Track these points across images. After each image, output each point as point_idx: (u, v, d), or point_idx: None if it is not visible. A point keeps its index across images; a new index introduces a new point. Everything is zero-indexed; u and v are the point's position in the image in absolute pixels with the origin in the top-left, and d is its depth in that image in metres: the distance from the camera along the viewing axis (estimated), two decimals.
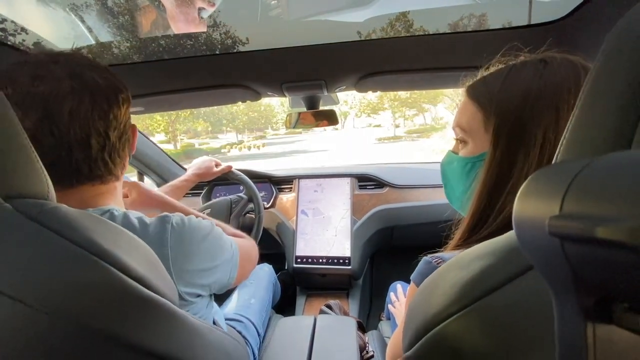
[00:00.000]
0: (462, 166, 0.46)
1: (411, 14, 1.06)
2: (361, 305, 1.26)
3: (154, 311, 0.36)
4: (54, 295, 0.30)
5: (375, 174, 1.38)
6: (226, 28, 1.14)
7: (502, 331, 0.22)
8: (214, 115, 30.96)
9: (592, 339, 0.13)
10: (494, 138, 0.42)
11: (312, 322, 0.75)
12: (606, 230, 0.11)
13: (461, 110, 0.47)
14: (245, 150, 20.68)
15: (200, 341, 0.45)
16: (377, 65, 0.81)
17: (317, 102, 1.00)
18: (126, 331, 0.33)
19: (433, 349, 0.25)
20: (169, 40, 1.11)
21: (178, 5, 0.82)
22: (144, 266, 0.36)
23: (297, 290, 1.34)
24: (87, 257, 0.31)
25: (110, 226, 0.37)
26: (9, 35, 0.79)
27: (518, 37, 0.68)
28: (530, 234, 0.16)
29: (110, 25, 1.03)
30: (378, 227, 1.28)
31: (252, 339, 0.78)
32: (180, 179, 0.95)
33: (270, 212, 1.38)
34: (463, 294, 0.24)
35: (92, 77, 0.44)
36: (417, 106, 27.01)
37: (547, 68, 0.40)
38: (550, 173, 0.17)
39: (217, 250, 0.53)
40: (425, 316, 0.26)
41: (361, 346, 0.77)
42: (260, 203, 1.08)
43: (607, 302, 0.13)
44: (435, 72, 0.81)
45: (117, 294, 0.33)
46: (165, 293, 0.39)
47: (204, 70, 0.82)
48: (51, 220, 0.31)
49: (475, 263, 0.24)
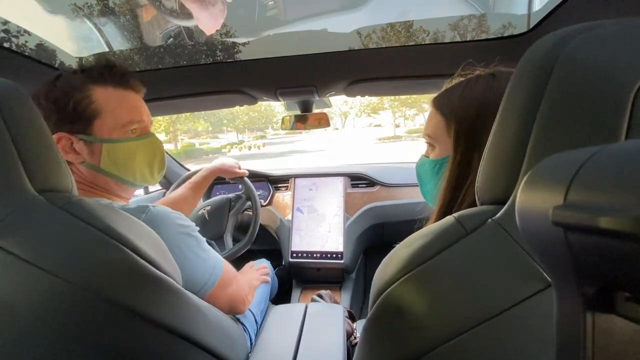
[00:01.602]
0: (432, 167, 0.53)
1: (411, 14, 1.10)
2: (354, 297, 1.32)
3: (162, 289, 0.42)
4: (82, 272, 0.35)
5: (366, 173, 1.45)
6: (226, 28, 1.19)
7: (431, 293, 0.29)
8: (214, 115, 30.95)
9: (592, 327, 0.13)
10: (454, 142, 0.48)
11: (303, 309, 0.81)
12: (610, 220, 0.11)
13: (428, 119, 0.54)
14: (246, 150, 20.73)
15: (202, 318, 0.51)
16: (365, 73, 0.87)
17: (311, 105, 1.06)
18: (139, 305, 0.39)
19: (383, 309, 0.32)
20: (169, 41, 1.16)
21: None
22: (153, 250, 0.43)
23: (293, 283, 1.40)
24: (108, 241, 0.38)
25: (124, 215, 0.43)
26: (12, 37, 0.83)
27: (490, 48, 0.75)
28: (533, 224, 0.16)
29: (116, 31, 1.08)
30: (369, 224, 1.35)
31: (250, 327, 0.83)
32: (200, 175, 1.03)
33: (267, 209, 1.44)
34: (406, 263, 0.30)
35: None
36: (417, 106, 27.07)
37: (495, 81, 0.47)
38: (555, 162, 0.17)
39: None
40: (379, 283, 0.33)
41: (349, 332, 0.83)
42: (257, 201, 1.13)
43: (607, 291, 0.13)
44: (418, 79, 0.87)
45: (132, 272, 0.39)
46: (172, 274, 0.46)
47: (205, 77, 0.89)
48: (77, 210, 0.38)
49: (417, 241, 0.31)
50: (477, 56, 0.53)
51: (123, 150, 0.60)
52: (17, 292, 0.34)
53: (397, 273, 0.31)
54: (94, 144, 0.58)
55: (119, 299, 0.37)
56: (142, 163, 0.64)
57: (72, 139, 0.56)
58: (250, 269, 1.03)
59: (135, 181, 0.65)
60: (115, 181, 0.62)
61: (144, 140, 0.64)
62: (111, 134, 0.59)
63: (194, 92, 0.93)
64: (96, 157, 0.59)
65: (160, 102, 0.94)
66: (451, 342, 0.26)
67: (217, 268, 0.63)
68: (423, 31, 1.07)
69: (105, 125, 0.58)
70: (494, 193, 0.30)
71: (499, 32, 0.85)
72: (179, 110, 1.28)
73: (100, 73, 0.59)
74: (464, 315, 0.26)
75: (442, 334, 0.27)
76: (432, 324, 0.28)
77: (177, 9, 0.96)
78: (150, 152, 0.65)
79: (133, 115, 0.61)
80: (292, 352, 0.65)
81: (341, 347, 0.67)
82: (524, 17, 0.78)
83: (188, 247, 0.59)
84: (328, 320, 0.77)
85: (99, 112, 0.57)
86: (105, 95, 0.58)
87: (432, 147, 0.54)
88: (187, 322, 0.46)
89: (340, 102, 28.34)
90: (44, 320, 0.35)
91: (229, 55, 1.08)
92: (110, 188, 0.62)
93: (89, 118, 0.57)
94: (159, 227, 0.51)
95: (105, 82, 0.59)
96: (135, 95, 0.64)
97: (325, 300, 1.03)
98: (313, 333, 0.72)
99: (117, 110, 0.59)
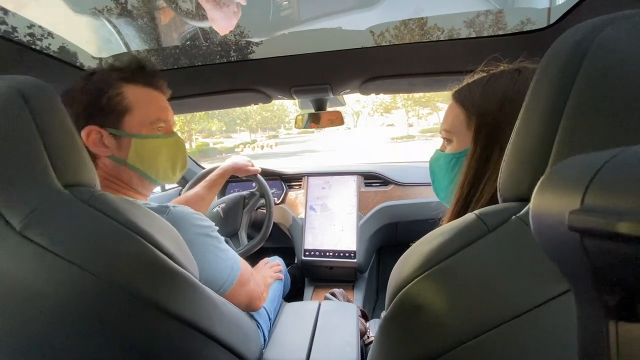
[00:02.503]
0: (448, 162, 0.52)
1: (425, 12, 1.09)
2: (366, 297, 1.31)
3: (180, 282, 0.43)
4: (105, 264, 0.36)
5: (380, 172, 1.44)
6: (240, 29, 1.20)
7: (451, 292, 0.28)
8: (228, 115, 31.37)
9: (615, 337, 0.13)
10: (475, 136, 0.47)
11: (316, 307, 0.81)
12: (629, 225, 0.10)
13: (447, 112, 0.53)
14: (258, 150, 20.93)
15: (218, 312, 0.52)
16: (379, 70, 0.87)
17: (324, 104, 1.06)
18: (158, 297, 0.40)
19: (401, 306, 0.31)
20: (185, 43, 1.19)
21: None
22: (172, 244, 0.44)
23: (306, 281, 1.41)
24: (129, 234, 0.39)
25: (145, 210, 0.44)
26: (36, 40, 0.85)
27: (508, 44, 0.74)
28: (549, 229, 0.15)
29: (134, 33, 1.11)
30: (383, 223, 1.34)
31: (264, 323, 0.84)
32: (215, 174, 1.06)
33: (280, 207, 1.45)
34: (425, 261, 0.30)
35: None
36: (431, 105, 26.67)
37: (520, 76, 0.46)
38: (572, 165, 0.16)
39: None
40: (397, 281, 0.32)
41: (362, 331, 0.83)
42: (271, 199, 1.14)
43: (630, 298, 0.12)
44: (433, 76, 0.86)
45: (152, 265, 0.40)
46: (189, 268, 0.47)
47: (220, 76, 0.90)
48: (100, 204, 0.39)
49: (437, 238, 0.31)
50: (495, 52, 0.52)
51: (150, 147, 0.63)
52: (45, 282, 0.35)
53: (415, 270, 0.30)
54: (122, 139, 0.60)
55: (139, 290, 0.38)
56: (165, 160, 0.66)
57: (102, 132, 0.59)
58: (264, 265, 1.04)
59: (157, 178, 0.67)
60: (138, 176, 0.64)
61: (169, 138, 0.66)
62: (140, 129, 0.61)
63: (210, 90, 0.95)
64: (124, 151, 0.61)
65: (177, 101, 0.96)
66: (470, 342, 0.25)
67: (235, 267, 0.64)
68: (437, 29, 1.05)
69: (135, 121, 0.61)
70: (518, 190, 0.29)
71: (517, 29, 0.83)
72: (195, 109, 1.31)
73: (133, 72, 0.62)
74: (485, 315, 0.26)
75: (461, 333, 0.26)
76: (451, 323, 0.27)
77: (193, 10, 0.98)
78: (174, 151, 0.67)
79: (160, 113, 0.64)
80: (305, 349, 0.66)
81: (355, 346, 0.67)
82: (544, 11, 0.76)
83: (208, 247, 0.60)
84: (341, 318, 0.77)
85: (130, 109, 0.60)
86: (136, 93, 0.61)
87: (449, 141, 0.53)
88: (204, 316, 0.47)
89: (352, 102, 28.24)
90: (70, 310, 0.36)
91: (243, 55, 1.09)
92: (132, 183, 0.64)
93: (120, 113, 0.59)
94: (180, 227, 0.53)
95: (136, 81, 0.62)
96: (162, 96, 0.67)
97: (338, 298, 1.03)
98: (326, 331, 0.72)
99: (146, 107, 0.62)
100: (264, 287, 0.79)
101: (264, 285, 0.80)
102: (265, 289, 0.83)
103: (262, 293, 0.75)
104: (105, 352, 0.38)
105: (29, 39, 0.86)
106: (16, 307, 0.36)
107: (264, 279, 0.86)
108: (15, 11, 0.78)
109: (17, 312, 0.36)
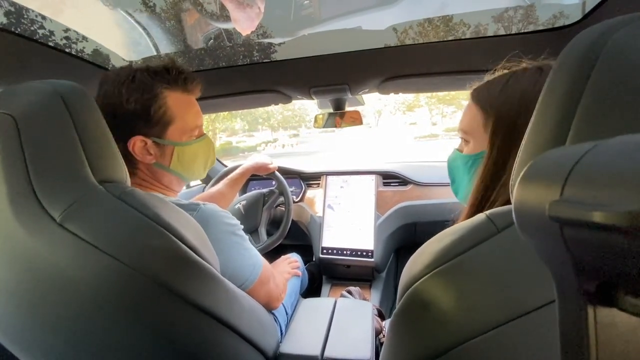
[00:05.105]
0: (464, 162, 0.51)
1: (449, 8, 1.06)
2: (383, 296, 1.31)
3: (203, 274, 0.45)
4: (134, 255, 0.39)
5: (399, 171, 1.43)
6: (263, 29, 1.22)
7: (459, 289, 0.28)
8: (250, 114, 31.81)
9: (594, 322, 0.13)
10: (491, 138, 0.46)
11: (332, 303, 0.82)
12: (602, 215, 0.11)
13: (464, 112, 0.52)
14: (280, 148, 21.18)
15: (238, 305, 0.54)
16: (398, 70, 0.86)
17: (343, 103, 1.07)
18: (182, 287, 0.42)
19: (411, 303, 0.32)
20: (210, 44, 1.23)
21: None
22: (195, 238, 0.46)
23: (323, 279, 1.42)
24: (156, 228, 0.41)
25: (170, 205, 0.47)
26: (72, 44, 0.91)
27: (536, 41, 0.71)
28: (530, 219, 0.16)
29: (162, 35, 1.16)
30: (401, 223, 1.33)
31: (281, 318, 0.86)
32: (237, 172, 1.10)
33: (299, 205, 1.47)
34: (435, 258, 0.30)
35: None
36: (455, 103, 25.84)
37: (542, 76, 0.44)
38: (553, 157, 0.17)
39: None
40: (408, 278, 0.33)
41: (377, 329, 0.83)
42: (290, 197, 1.16)
43: (607, 285, 0.13)
44: (454, 75, 0.84)
45: (176, 257, 0.42)
46: (211, 262, 0.49)
47: (242, 78, 0.93)
48: (130, 199, 0.42)
49: (448, 237, 0.31)
50: (523, 49, 0.50)
51: (189, 152, 0.66)
52: (80, 270, 0.38)
53: (426, 267, 0.31)
54: (165, 147, 0.63)
55: (164, 281, 0.41)
56: (200, 162, 0.70)
57: (146, 141, 0.61)
58: (283, 261, 1.06)
59: (193, 178, 0.72)
60: (177, 179, 0.68)
61: (202, 141, 0.69)
62: (181, 137, 0.65)
63: (233, 91, 0.98)
64: (167, 158, 0.64)
65: (202, 102, 0.99)
66: (478, 338, 0.26)
67: (257, 266, 0.66)
68: (463, 24, 1.03)
69: (177, 130, 0.64)
70: None
71: (549, 23, 0.79)
72: (219, 110, 1.35)
73: (174, 79, 0.63)
74: (492, 313, 0.26)
75: (469, 330, 0.27)
76: (459, 319, 0.27)
77: (217, 12, 1.01)
78: (207, 151, 0.71)
79: (197, 120, 0.67)
80: (321, 344, 0.67)
81: (369, 343, 0.67)
82: (579, 6, 0.72)
83: (233, 244, 0.62)
84: (357, 315, 0.77)
85: (174, 119, 0.63)
86: (176, 101, 0.63)
87: (467, 141, 0.52)
88: (225, 307, 0.49)
89: (374, 100, 27.84)
90: (102, 297, 0.39)
91: (265, 55, 1.11)
92: (171, 185, 0.69)
93: (165, 124, 0.62)
94: (208, 225, 0.56)
95: (176, 87, 0.64)
96: (195, 100, 0.69)
97: (354, 296, 1.03)
98: (342, 327, 0.73)
99: (186, 115, 0.65)
100: (283, 287, 0.81)
101: (283, 285, 0.82)
102: (284, 289, 0.85)
103: (280, 294, 0.77)
104: (133, 337, 0.41)
105: (65, 42, 0.92)
106: (54, 293, 0.39)
107: (282, 278, 0.88)
108: (52, 17, 0.83)
109: (55, 297, 0.39)
